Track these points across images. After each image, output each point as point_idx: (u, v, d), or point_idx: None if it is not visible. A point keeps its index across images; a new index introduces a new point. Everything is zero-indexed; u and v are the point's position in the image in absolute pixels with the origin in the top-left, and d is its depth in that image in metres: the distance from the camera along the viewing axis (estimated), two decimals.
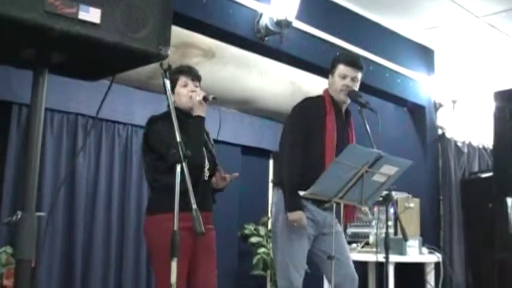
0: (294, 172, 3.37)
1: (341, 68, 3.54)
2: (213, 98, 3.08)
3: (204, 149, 3.18)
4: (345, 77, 3.52)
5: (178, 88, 3.18)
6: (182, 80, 3.19)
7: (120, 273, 5.18)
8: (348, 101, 3.58)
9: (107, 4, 1.60)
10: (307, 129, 3.47)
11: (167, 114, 3.15)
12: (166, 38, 1.73)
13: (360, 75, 3.57)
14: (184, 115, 3.09)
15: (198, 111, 3.09)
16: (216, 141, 3.29)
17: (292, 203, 3.36)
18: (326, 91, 3.63)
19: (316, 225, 3.47)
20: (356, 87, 3.56)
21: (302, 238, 3.41)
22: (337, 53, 3.91)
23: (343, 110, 3.62)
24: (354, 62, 3.57)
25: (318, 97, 3.62)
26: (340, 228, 3.62)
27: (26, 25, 1.45)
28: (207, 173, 3.18)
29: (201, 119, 3.09)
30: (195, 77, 3.23)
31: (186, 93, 3.16)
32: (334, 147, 3.40)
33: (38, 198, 3.53)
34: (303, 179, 3.20)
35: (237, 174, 3.27)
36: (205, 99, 3.07)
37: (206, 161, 3.17)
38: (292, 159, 3.42)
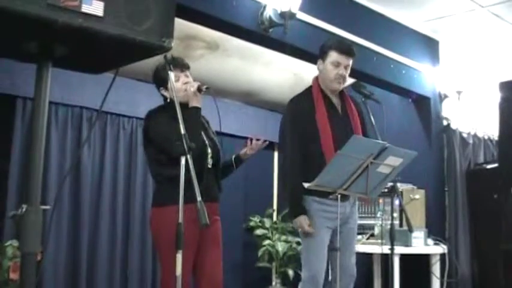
0: (294, 179, 3.34)
1: (334, 56, 3.45)
2: (207, 88, 3.07)
3: (205, 137, 3.19)
4: (338, 65, 3.44)
5: (170, 83, 3.17)
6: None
7: (126, 266, 5.20)
8: (340, 87, 3.52)
9: None
10: (301, 130, 3.43)
11: (164, 107, 3.17)
12: (169, 30, 1.72)
13: (351, 61, 3.49)
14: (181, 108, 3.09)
15: (194, 102, 3.08)
16: (219, 133, 3.29)
17: (295, 210, 3.39)
18: (315, 80, 3.55)
19: (335, 219, 3.43)
20: (347, 75, 3.50)
21: (321, 227, 3.39)
22: (328, 39, 3.85)
23: (335, 97, 3.54)
24: (347, 49, 3.47)
25: (306, 91, 3.56)
26: (355, 225, 3.62)
27: (29, 18, 1.44)
28: (210, 161, 3.18)
29: (197, 109, 3.09)
30: (183, 67, 3.22)
31: (180, 87, 3.14)
32: (331, 140, 3.36)
33: (43, 191, 3.55)
34: (307, 179, 3.13)
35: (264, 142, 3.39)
36: (199, 90, 3.07)
37: (209, 149, 3.18)
38: (291, 168, 3.42)
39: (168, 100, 3.15)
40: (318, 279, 3.37)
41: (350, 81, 3.54)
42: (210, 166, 3.18)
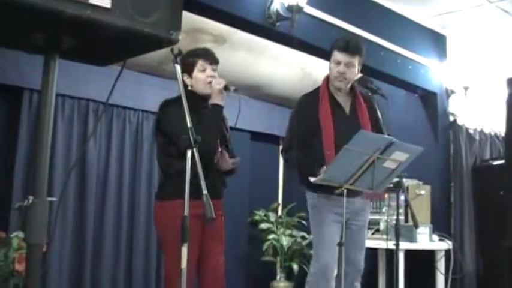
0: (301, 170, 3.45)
1: (335, 54, 3.45)
2: (235, 90, 3.04)
3: None
4: (338, 63, 3.43)
5: (196, 73, 3.12)
6: (200, 64, 3.12)
7: (131, 259, 5.20)
8: (347, 87, 3.50)
9: None
10: (306, 129, 3.45)
11: (180, 98, 3.13)
12: (177, 23, 1.72)
13: (356, 60, 3.43)
14: (201, 99, 3.06)
15: (217, 100, 3.04)
16: (231, 128, 3.28)
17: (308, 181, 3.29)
18: (325, 78, 3.57)
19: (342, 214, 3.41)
20: (352, 74, 3.45)
21: (330, 221, 3.41)
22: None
23: (343, 96, 3.53)
24: (346, 46, 3.42)
25: (315, 90, 3.58)
26: (365, 222, 3.61)
27: (37, 9, 1.44)
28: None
29: (219, 107, 3.05)
30: (213, 60, 3.16)
31: (204, 79, 3.10)
32: (332, 139, 3.35)
33: (49, 183, 3.55)
34: (310, 173, 3.17)
35: (237, 159, 3.23)
36: (226, 88, 3.04)
37: (218, 146, 3.16)
38: (289, 161, 3.57)
39: (189, 88, 3.12)
40: (327, 272, 3.38)
41: (357, 76, 3.51)
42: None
